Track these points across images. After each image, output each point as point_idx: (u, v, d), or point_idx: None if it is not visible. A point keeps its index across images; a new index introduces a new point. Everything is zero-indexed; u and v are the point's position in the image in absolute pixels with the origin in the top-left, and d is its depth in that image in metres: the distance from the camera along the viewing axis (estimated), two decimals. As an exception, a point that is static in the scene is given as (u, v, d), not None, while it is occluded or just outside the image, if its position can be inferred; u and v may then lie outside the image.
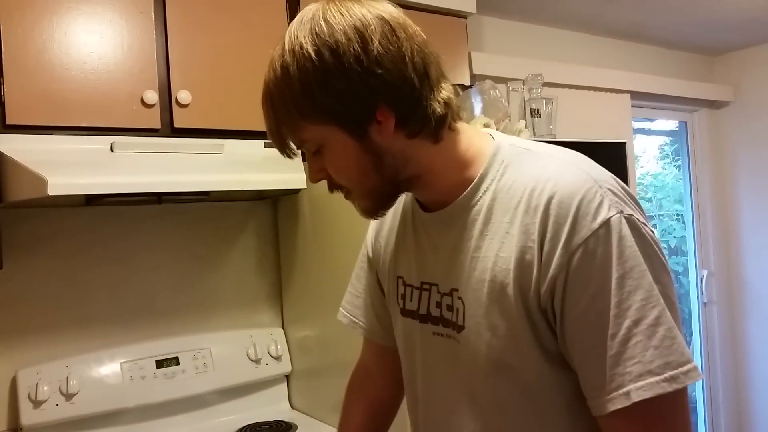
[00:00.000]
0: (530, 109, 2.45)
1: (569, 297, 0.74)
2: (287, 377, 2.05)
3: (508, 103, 2.43)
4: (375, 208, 0.87)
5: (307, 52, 0.76)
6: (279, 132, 0.83)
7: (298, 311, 2.04)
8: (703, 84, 3.54)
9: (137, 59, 1.57)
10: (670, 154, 3.98)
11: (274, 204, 2.11)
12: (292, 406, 2.03)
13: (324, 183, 0.87)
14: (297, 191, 1.90)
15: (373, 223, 1.07)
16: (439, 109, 0.81)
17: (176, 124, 1.62)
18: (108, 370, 1.72)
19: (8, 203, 1.47)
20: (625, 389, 0.71)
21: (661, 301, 0.73)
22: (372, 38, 0.76)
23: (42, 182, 1.31)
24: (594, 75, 2.99)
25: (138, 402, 1.74)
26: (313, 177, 0.87)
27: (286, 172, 1.75)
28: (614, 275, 0.72)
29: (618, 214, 0.74)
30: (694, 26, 3.10)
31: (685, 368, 0.71)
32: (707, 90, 3.54)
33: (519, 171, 0.82)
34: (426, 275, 0.92)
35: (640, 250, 0.73)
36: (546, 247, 0.75)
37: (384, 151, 0.81)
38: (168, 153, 1.61)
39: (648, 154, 4.03)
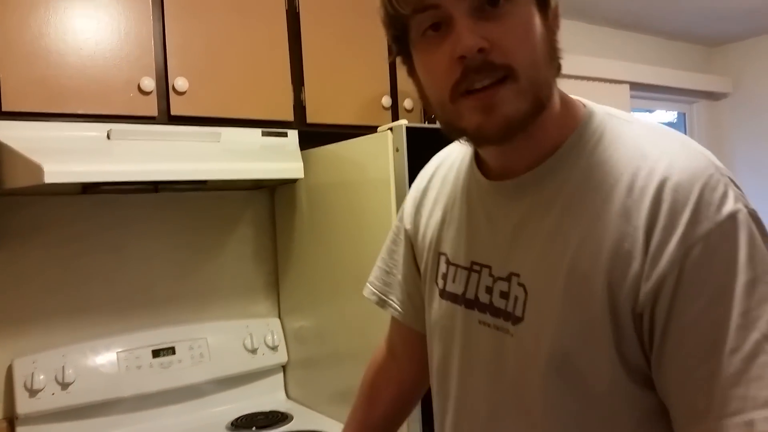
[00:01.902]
0: (529, 99, 2.44)
1: (680, 300, 0.62)
2: (283, 367, 2.04)
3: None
4: (522, 115, 0.67)
5: None
6: None
7: (294, 301, 2.03)
8: (701, 75, 3.53)
9: (134, 46, 1.55)
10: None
11: (271, 193, 2.10)
12: (288, 396, 2.03)
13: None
14: (294, 181, 1.89)
15: (413, 192, 0.95)
16: None
17: (173, 112, 1.61)
18: (104, 360, 1.72)
19: (4, 191, 1.46)
20: (746, 417, 0.58)
21: None
22: None
23: (38, 170, 1.30)
24: (592, 65, 2.98)
25: (134, 391, 1.73)
26: (471, 39, 0.64)
27: (283, 162, 1.73)
28: (742, 279, 0.61)
29: (744, 209, 0.63)
30: (693, 16, 3.09)
31: None
32: (706, 81, 3.53)
33: (618, 144, 0.70)
34: (477, 255, 0.80)
35: None
36: (656, 238, 0.63)
37: (557, 46, 0.70)
38: (165, 141, 1.59)
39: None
